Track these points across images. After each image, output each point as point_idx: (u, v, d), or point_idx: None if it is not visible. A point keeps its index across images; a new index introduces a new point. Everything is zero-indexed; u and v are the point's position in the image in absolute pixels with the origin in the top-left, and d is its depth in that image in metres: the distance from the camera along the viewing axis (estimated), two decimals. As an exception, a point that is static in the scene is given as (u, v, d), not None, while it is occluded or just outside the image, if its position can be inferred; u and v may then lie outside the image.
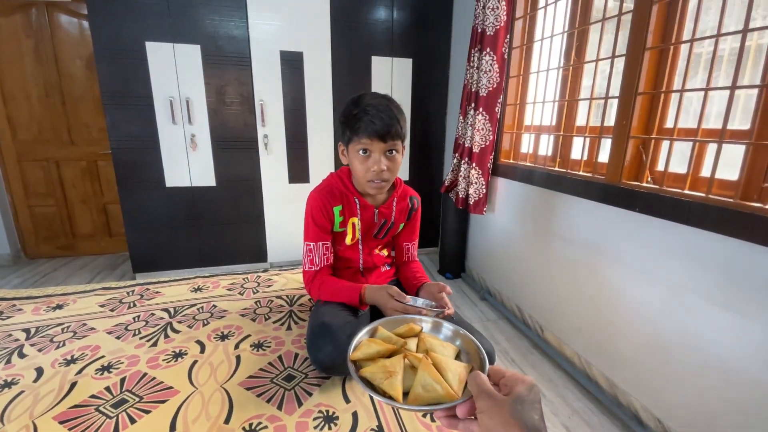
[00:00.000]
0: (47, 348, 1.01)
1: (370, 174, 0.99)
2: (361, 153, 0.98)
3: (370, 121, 0.94)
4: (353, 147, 1.00)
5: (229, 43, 2.26)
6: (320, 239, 1.09)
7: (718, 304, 1.08)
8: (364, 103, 0.97)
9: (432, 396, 0.48)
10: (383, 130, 0.94)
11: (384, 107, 0.96)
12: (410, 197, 1.20)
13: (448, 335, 0.63)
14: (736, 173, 1.09)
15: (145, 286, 1.39)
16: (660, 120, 1.33)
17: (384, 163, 0.98)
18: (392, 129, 0.95)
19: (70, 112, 2.70)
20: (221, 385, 0.88)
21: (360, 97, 1.00)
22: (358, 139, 0.97)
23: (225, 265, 2.59)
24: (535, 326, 1.91)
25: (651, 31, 1.30)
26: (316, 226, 1.08)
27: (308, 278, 1.11)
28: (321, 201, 1.08)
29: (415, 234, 1.25)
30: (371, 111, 0.95)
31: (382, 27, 2.50)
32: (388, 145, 0.97)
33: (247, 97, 2.36)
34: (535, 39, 1.95)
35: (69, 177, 2.80)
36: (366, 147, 0.97)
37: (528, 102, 2.02)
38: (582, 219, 1.58)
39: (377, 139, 0.95)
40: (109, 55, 2.11)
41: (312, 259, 1.10)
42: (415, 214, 1.21)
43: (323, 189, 1.10)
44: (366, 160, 0.99)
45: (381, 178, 1.00)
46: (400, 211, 1.17)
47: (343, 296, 1.04)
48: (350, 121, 0.97)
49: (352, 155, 1.01)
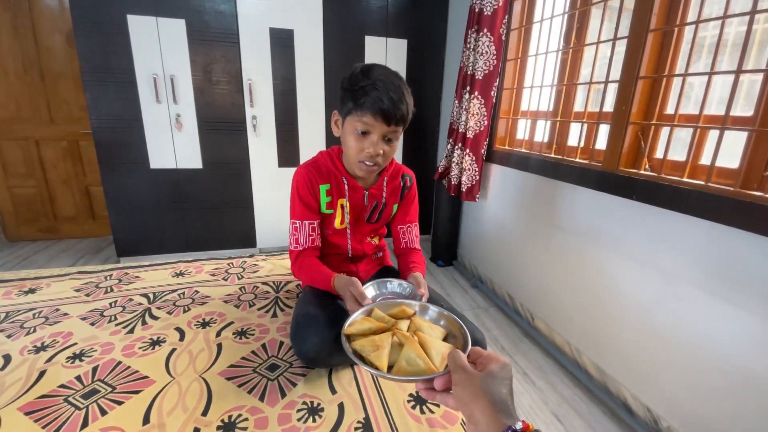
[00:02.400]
0: (16, 334, 0.96)
1: (363, 155, 0.92)
2: (359, 130, 0.90)
3: (379, 98, 0.85)
4: (352, 120, 0.91)
5: (215, 19, 2.16)
6: (306, 218, 1.02)
7: (713, 294, 1.06)
8: (374, 76, 0.88)
9: (414, 370, 0.53)
10: (390, 110, 0.86)
11: (395, 87, 0.88)
12: (403, 175, 1.12)
13: (436, 318, 0.69)
14: (737, 161, 1.06)
15: (123, 271, 1.33)
16: (661, 106, 1.29)
17: (381, 146, 0.91)
18: (399, 111, 0.88)
19: (50, 89, 2.58)
20: (200, 375, 0.84)
21: (370, 68, 0.91)
22: (361, 114, 0.88)
23: (213, 250, 2.53)
24: (526, 314, 1.90)
25: (655, 12, 1.24)
26: (302, 204, 1.02)
27: (293, 258, 1.06)
28: (307, 177, 1.01)
29: (410, 215, 1.15)
30: (380, 87, 0.86)
31: (377, 5, 2.40)
32: (390, 130, 0.90)
33: (234, 76, 2.27)
34: (534, 20, 1.89)
35: (49, 157, 2.69)
36: (366, 126, 0.89)
37: (525, 86, 1.97)
38: (577, 207, 1.55)
39: (382, 119, 0.87)
40: (88, 28, 2.00)
41: (297, 239, 1.04)
42: (408, 192, 1.12)
43: (310, 165, 1.04)
44: (362, 140, 0.91)
45: (374, 162, 0.93)
46: (392, 191, 1.09)
47: (318, 283, 0.99)
48: (356, 93, 0.88)
49: (348, 129, 0.93)
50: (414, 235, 1.16)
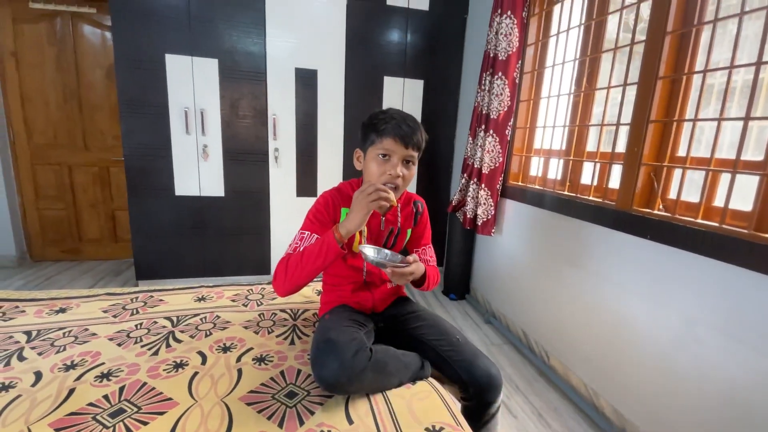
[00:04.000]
0: (47, 352, 1.00)
1: (384, 177, 1.00)
2: (380, 156, 1.01)
3: (397, 125, 0.99)
4: (373, 150, 1.02)
5: (246, 59, 2.32)
6: (315, 231, 1.05)
7: (733, 338, 1.05)
8: (390, 113, 1.03)
9: None
10: (408, 134, 0.99)
11: (410, 118, 1.03)
12: (414, 202, 1.19)
13: None
14: (750, 204, 1.08)
15: (149, 293, 1.38)
16: (672, 148, 1.34)
17: (401, 169, 1.01)
18: (415, 136, 1.00)
19: (87, 119, 2.76)
20: (221, 399, 0.86)
21: (387, 109, 1.06)
22: (381, 141, 1.00)
23: (228, 276, 2.58)
24: (540, 352, 1.87)
25: (663, 61, 1.31)
26: (317, 219, 1.06)
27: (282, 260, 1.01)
28: (330, 199, 1.08)
29: (425, 238, 1.21)
30: (397, 117, 1.01)
31: (396, 48, 2.55)
32: (408, 153, 1.01)
33: (260, 111, 2.40)
34: (546, 65, 1.98)
35: (80, 181, 2.83)
36: (387, 151, 1.00)
37: (538, 126, 2.04)
38: (591, 244, 1.56)
39: (401, 142, 0.99)
40: (129, 65, 2.17)
41: (296, 248, 1.02)
42: (421, 218, 1.19)
43: (334, 190, 1.12)
44: (384, 164, 1.01)
45: (394, 183, 1.01)
46: (406, 216, 1.16)
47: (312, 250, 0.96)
48: (376, 125, 1.01)
49: (370, 159, 1.03)
50: (429, 255, 1.21)
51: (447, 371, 1.03)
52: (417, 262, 1.00)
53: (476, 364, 0.99)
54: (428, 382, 0.99)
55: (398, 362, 0.96)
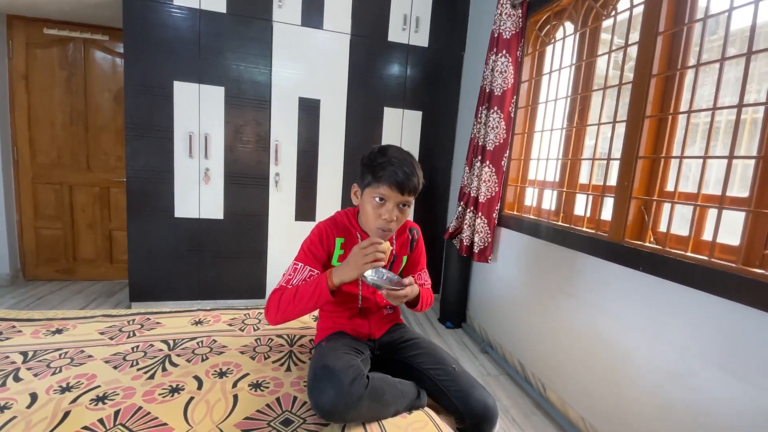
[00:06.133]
0: (43, 373, 0.99)
1: (380, 221, 1.03)
2: (377, 200, 1.02)
3: (394, 172, 0.99)
4: (370, 192, 1.03)
5: (251, 87, 2.40)
6: (308, 263, 1.07)
7: (726, 371, 1.06)
8: (390, 154, 1.03)
9: None
10: (404, 182, 0.99)
11: (408, 162, 1.02)
12: (409, 229, 1.21)
13: None
14: (737, 238, 1.12)
15: (145, 316, 1.38)
16: (661, 183, 1.39)
17: (395, 213, 1.02)
18: (412, 183, 1.01)
19: (91, 140, 2.81)
20: (217, 425, 0.85)
21: (386, 147, 1.06)
22: (378, 186, 1.01)
23: (222, 299, 2.56)
24: (537, 384, 1.85)
25: (650, 101, 1.39)
26: (310, 252, 1.08)
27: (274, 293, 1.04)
28: (324, 231, 1.10)
29: (421, 264, 1.24)
30: (396, 162, 1.00)
31: (396, 81, 2.66)
32: (404, 198, 1.02)
33: (263, 137, 2.46)
34: (540, 101, 2.07)
35: (80, 201, 2.85)
36: (383, 195, 1.01)
37: (532, 158, 2.11)
38: (586, 275, 1.59)
39: (397, 189, 1.00)
40: (138, 90, 2.24)
41: (290, 279, 1.05)
42: (416, 245, 1.21)
43: (329, 221, 1.14)
44: (379, 207, 1.02)
45: (388, 228, 1.03)
46: (401, 244, 1.18)
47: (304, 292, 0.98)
48: (374, 168, 1.02)
49: (367, 199, 1.05)
50: (425, 279, 1.23)
51: (443, 401, 1.03)
52: (412, 284, 1.03)
53: (473, 395, 0.99)
54: (424, 412, 0.98)
55: (395, 390, 0.96)
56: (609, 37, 1.66)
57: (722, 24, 1.26)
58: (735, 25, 1.18)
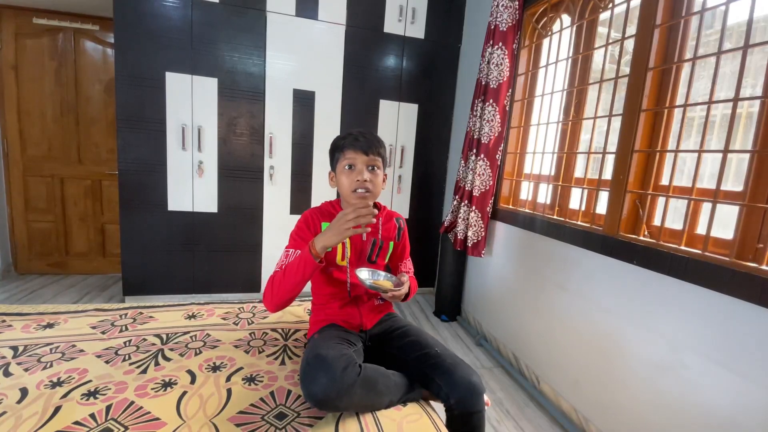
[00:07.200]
0: (34, 368, 0.98)
1: (354, 184, 1.09)
2: (346, 168, 1.10)
3: (355, 139, 1.10)
4: (340, 165, 1.11)
5: (245, 79, 2.37)
6: (298, 247, 1.10)
7: (718, 363, 1.07)
8: (349, 132, 1.14)
9: None
10: (366, 145, 1.09)
11: (367, 132, 1.13)
12: (396, 218, 1.27)
13: None
14: (731, 232, 1.12)
15: (138, 310, 1.36)
16: (656, 177, 1.39)
17: (366, 174, 1.09)
18: (373, 146, 1.10)
19: (82, 132, 2.77)
20: (210, 419, 0.85)
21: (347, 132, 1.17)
22: (344, 154, 1.10)
23: (217, 293, 2.55)
24: (531, 377, 1.86)
25: (646, 95, 1.38)
26: (300, 237, 1.13)
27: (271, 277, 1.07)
28: (310, 217, 1.16)
29: (406, 252, 1.31)
30: (355, 132, 1.12)
31: (392, 74, 2.63)
32: (370, 159, 1.09)
33: (257, 130, 2.43)
34: (536, 94, 2.06)
35: (71, 194, 2.81)
36: (351, 161, 1.09)
37: (528, 152, 2.10)
38: (580, 268, 1.59)
39: (361, 152, 1.08)
40: (129, 82, 2.20)
41: (282, 264, 1.07)
42: (402, 233, 1.28)
43: (315, 209, 1.20)
44: (351, 174, 1.10)
45: (364, 188, 1.08)
46: (388, 230, 1.23)
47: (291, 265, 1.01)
48: (338, 144, 1.13)
49: (339, 173, 1.12)
50: (409, 267, 1.32)
51: (430, 385, 1.03)
52: (407, 282, 1.11)
53: (456, 373, 0.99)
54: (419, 405, 0.99)
55: (388, 381, 0.97)
56: (606, 30, 1.65)
57: (719, 18, 1.26)
58: (732, 19, 1.17)
